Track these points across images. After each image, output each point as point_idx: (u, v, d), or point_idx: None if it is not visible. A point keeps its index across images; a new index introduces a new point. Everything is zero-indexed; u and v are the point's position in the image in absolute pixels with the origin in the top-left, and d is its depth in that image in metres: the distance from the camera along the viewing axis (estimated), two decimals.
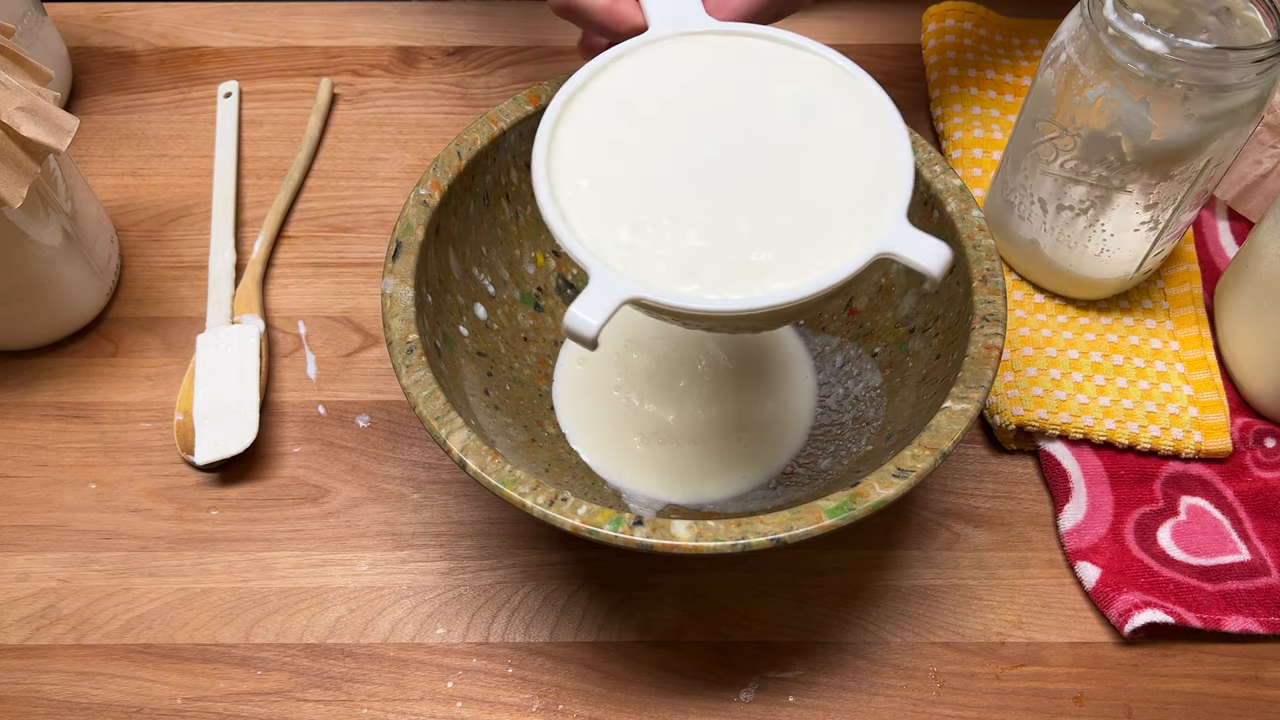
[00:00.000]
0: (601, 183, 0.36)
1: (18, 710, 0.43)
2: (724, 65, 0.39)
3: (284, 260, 0.56)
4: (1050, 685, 0.44)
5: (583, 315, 0.32)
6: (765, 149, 0.37)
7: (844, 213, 0.35)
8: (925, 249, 0.33)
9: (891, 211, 0.34)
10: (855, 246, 0.34)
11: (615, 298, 0.33)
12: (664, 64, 0.39)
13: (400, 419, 0.51)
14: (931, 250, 0.33)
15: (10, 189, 0.43)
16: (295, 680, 0.44)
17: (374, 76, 0.64)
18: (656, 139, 0.37)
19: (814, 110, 0.38)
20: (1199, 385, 0.50)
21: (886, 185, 0.35)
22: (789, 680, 0.44)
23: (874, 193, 0.35)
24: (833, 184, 0.36)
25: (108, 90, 0.63)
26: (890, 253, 0.33)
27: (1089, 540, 0.46)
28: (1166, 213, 0.47)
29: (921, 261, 0.33)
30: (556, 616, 0.46)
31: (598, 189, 0.36)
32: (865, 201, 0.35)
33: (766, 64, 0.39)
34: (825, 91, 0.38)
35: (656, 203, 0.36)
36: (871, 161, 0.36)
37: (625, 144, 0.37)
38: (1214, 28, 0.44)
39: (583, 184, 0.36)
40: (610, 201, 0.36)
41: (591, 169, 0.37)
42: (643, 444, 0.48)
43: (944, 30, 0.63)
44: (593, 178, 0.36)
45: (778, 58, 0.39)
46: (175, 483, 0.49)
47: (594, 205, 0.36)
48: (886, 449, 0.41)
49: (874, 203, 0.35)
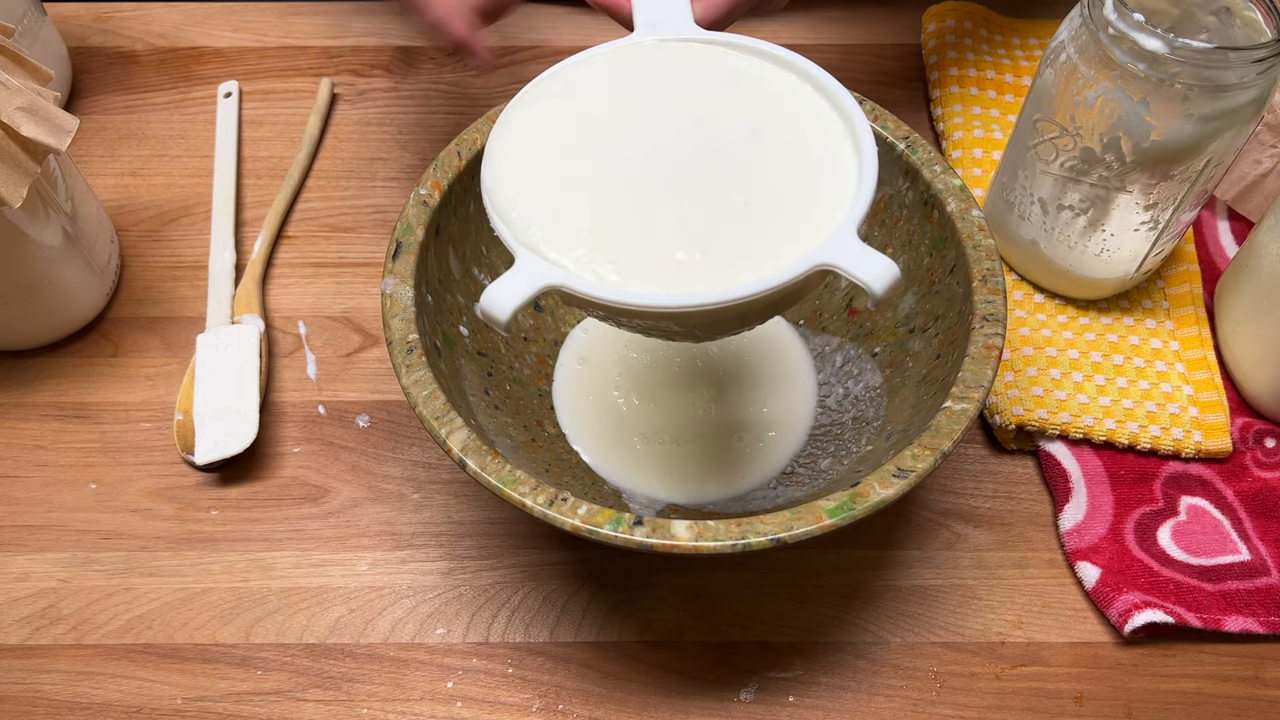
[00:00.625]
0: (544, 174, 0.36)
1: (18, 710, 0.43)
2: (695, 73, 0.39)
3: (284, 260, 0.56)
4: (1050, 685, 0.44)
5: (498, 295, 0.32)
6: (718, 156, 0.36)
7: (791, 222, 0.34)
8: (871, 265, 0.32)
9: (840, 223, 0.33)
10: (793, 255, 0.33)
11: (535, 283, 0.33)
12: (636, 67, 0.39)
13: (400, 419, 0.51)
14: (878, 267, 0.32)
15: (10, 189, 0.43)
16: (295, 680, 0.44)
17: (374, 76, 0.64)
18: (608, 138, 0.37)
19: (778, 123, 0.37)
20: (1199, 385, 0.50)
21: (841, 198, 0.34)
22: (789, 680, 0.44)
23: (828, 205, 0.34)
24: (783, 194, 0.35)
25: (108, 90, 0.63)
26: (831, 264, 0.32)
27: (1089, 540, 0.46)
28: (1166, 213, 0.47)
29: (864, 277, 0.32)
30: (556, 616, 0.46)
31: (539, 179, 0.36)
32: (816, 213, 0.34)
33: (740, 75, 0.38)
34: (795, 105, 0.37)
35: (593, 197, 0.35)
36: (831, 175, 0.35)
37: (577, 139, 0.37)
38: (1214, 28, 0.44)
39: (525, 173, 0.36)
40: (549, 192, 0.35)
41: (538, 160, 0.36)
42: (643, 444, 0.48)
43: (944, 30, 0.63)
44: (536, 168, 0.36)
45: (753, 71, 0.38)
46: (175, 483, 0.49)
47: (533, 194, 0.35)
48: (886, 449, 0.41)
49: (826, 214, 0.34)
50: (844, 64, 0.65)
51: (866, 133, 0.35)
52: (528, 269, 0.33)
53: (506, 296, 0.32)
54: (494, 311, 0.32)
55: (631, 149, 0.36)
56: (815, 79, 0.37)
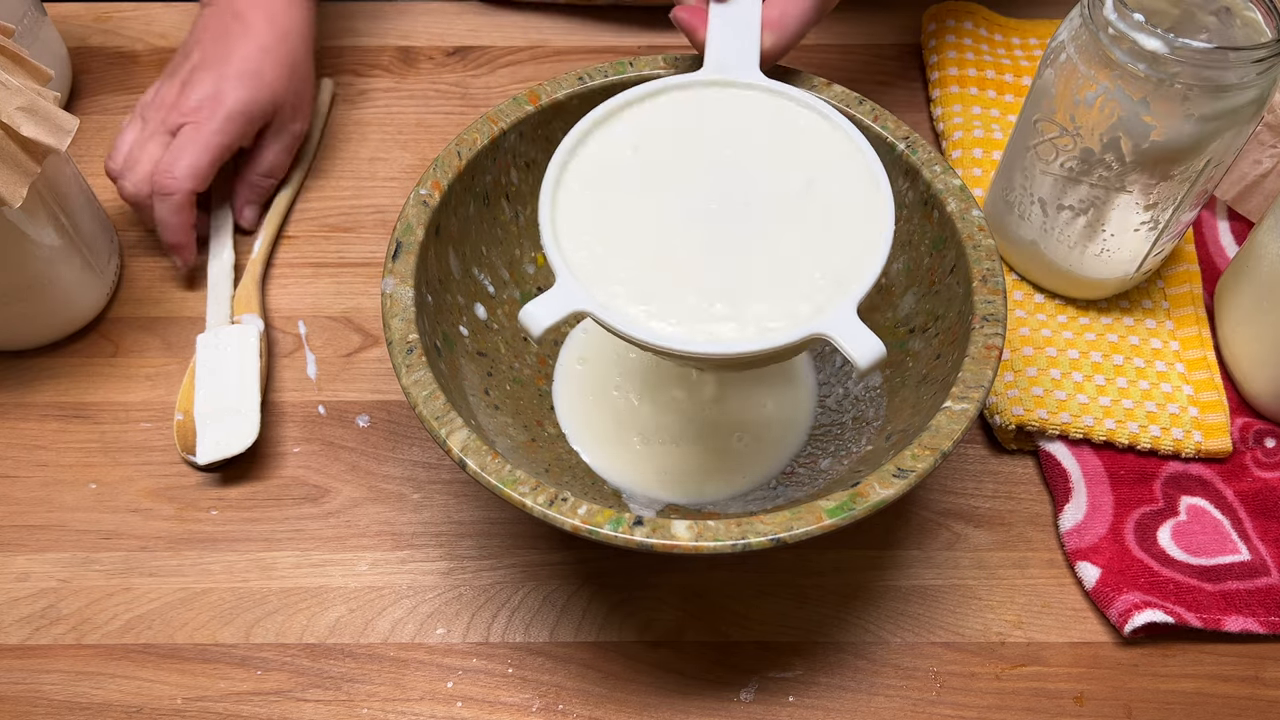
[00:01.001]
0: (600, 210, 0.39)
1: (18, 710, 0.43)
2: (750, 122, 0.41)
3: (284, 260, 0.56)
4: (1050, 685, 0.44)
5: (536, 313, 0.36)
6: (760, 208, 0.39)
7: (805, 287, 0.37)
8: (861, 343, 0.35)
9: (844, 298, 0.36)
10: (796, 322, 0.36)
11: (567, 307, 0.36)
12: (697, 109, 0.42)
13: (400, 419, 0.51)
14: (867, 345, 0.35)
15: (10, 189, 0.43)
16: (295, 680, 0.44)
17: (374, 76, 0.64)
18: (662, 178, 0.40)
19: (817, 181, 0.39)
20: (1199, 385, 0.50)
21: (854, 271, 0.37)
22: (789, 680, 0.44)
23: (841, 275, 0.37)
24: (807, 257, 0.38)
25: (108, 90, 0.63)
26: (826, 336, 0.35)
27: (1089, 540, 0.46)
28: (1166, 213, 0.47)
29: (853, 353, 0.35)
30: (556, 616, 0.46)
31: (595, 214, 0.39)
32: (828, 281, 0.37)
33: (796, 131, 0.41)
34: (841, 169, 0.40)
35: (643, 238, 0.38)
36: (851, 243, 0.38)
37: (632, 177, 0.40)
38: (1214, 28, 0.44)
39: (583, 205, 0.39)
40: (600, 228, 0.38)
41: (596, 194, 0.39)
42: (643, 444, 0.48)
43: (944, 30, 0.63)
44: (594, 202, 0.39)
45: (804, 125, 0.41)
46: (175, 483, 0.49)
47: (586, 226, 0.38)
48: (886, 449, 0.41)
49: (836, 285, 0.37)
50: (844, 64, 0.65)
51: (888, 205, 0.38)
52: (565, 294, 0.36)
53: (542, 315, 0.36)
54: (530, 326, 0.36)
55: (691, 196, 0.39)
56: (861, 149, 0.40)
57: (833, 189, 0.39)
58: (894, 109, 0.61)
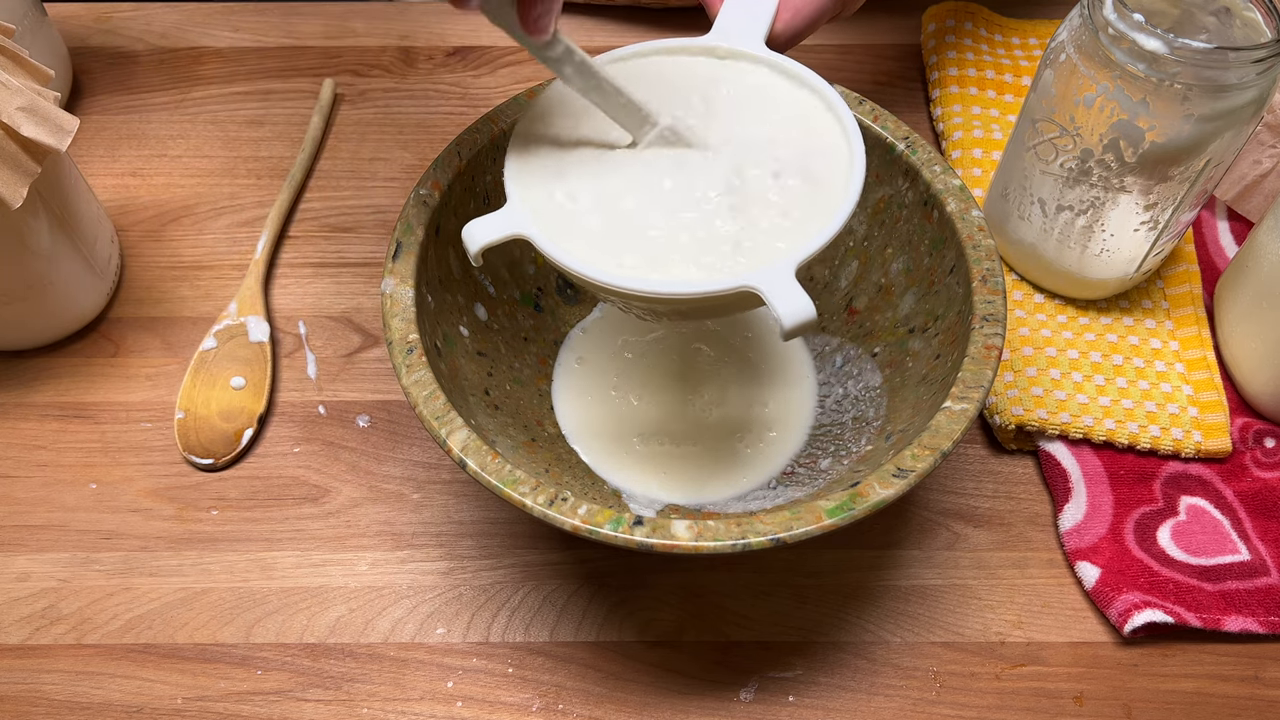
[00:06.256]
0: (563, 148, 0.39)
1: (18, 710, 0.43)
2: (740, 89, 0.41)
3: (284, 260, 0.56)
4: (1050, 685, 0.44)
5: (475, 231, 0.37)
6: (731, 172, 0.38)
7: (752, 244, 0.37)
8: (789, 302, 0.34)
9: (784, 258, 0.35)
10: (735, 272, 0.36)
11: (507, 228, 0.37)
12: (688, 69, 0.41)
13: (400, 419, 0.51)
14: (795, 304, 0.34)
15: (10, 189, 0.43)
16: (295, 680, 0.44)
17: (374, 76, 0.64)
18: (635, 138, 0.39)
19: (802, 154, 0.39)
20: (1199, 385, 0.50)
21: (804, 234, 0.36)
22: (789, 680, 0.44)
23: (792, 237, 0.36)
24: (765, 218, 0.37)
25: (108, 90, 0.63)
26: (755, 289, 0.34)
27: (1089, 540, 0.46)
28: (1166, 213, 0.47)
29: (779, 310, 0.34)
30: (556, 616, 0.46)
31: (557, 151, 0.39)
32: (784, 243, 0.36)
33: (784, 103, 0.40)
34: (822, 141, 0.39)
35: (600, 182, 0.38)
36: (812, 209, 0.37)
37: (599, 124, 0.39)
38: (1214, 28, 0.44)
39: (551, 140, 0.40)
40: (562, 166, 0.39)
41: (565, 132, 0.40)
42: (642, 444, 0.48)
43: (944, 30, 0.63)
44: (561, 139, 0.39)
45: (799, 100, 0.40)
46: (175, 483, 0.49)
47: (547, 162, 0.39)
48: (886, 449, 0.41)
49: (785, 246, 0.36)
50: (843, 64, 0.65)
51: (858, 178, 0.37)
52: (508, 216, 0.37)
53: (480, 233, 0.37)
54: (468, 242, 0.37)
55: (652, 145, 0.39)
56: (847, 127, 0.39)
57: (808, 159, 0.39)
58: (894, 109, 0.61)
